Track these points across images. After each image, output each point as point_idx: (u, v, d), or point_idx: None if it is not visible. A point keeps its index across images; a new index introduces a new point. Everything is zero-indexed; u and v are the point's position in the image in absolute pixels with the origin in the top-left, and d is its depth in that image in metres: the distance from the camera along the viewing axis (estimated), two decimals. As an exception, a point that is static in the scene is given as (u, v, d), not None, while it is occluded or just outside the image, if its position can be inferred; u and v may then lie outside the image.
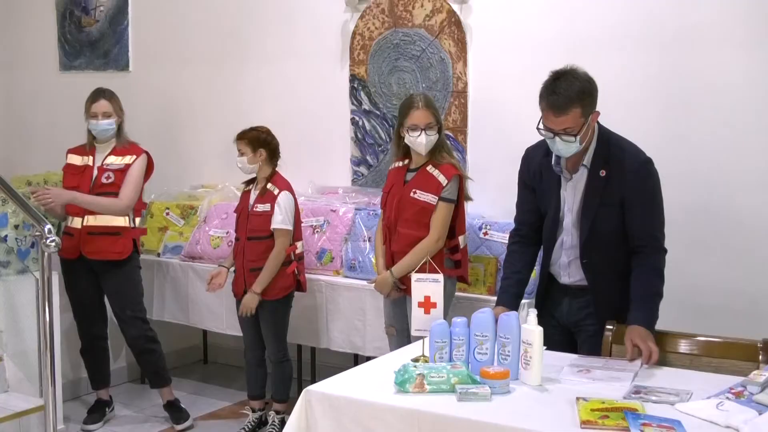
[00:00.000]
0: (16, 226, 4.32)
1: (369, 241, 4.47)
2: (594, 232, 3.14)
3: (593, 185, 3.11)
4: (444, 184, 3.86)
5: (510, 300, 3.29)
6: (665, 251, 3.16)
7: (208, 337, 5.78)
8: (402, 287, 3.94)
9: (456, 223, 3.94)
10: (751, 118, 3.87)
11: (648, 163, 3.13)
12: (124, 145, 4.56)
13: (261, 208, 4.32)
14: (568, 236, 3.21)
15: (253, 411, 4.57)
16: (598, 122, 3.14)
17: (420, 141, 3.87)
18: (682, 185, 4.01)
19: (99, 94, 4.53)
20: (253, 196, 4.37)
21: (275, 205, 4.29)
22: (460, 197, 3.94)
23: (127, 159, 4.53)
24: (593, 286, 3.20)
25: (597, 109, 3.08)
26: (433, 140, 3.90)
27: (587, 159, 3.12)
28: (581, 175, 3.14)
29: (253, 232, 4.33)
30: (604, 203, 3.10)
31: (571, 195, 3.18)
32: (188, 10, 5.63)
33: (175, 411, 4.73)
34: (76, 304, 4.64)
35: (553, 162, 3.17)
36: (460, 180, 3.92)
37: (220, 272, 4.48)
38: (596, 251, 3.16)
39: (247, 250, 4.35)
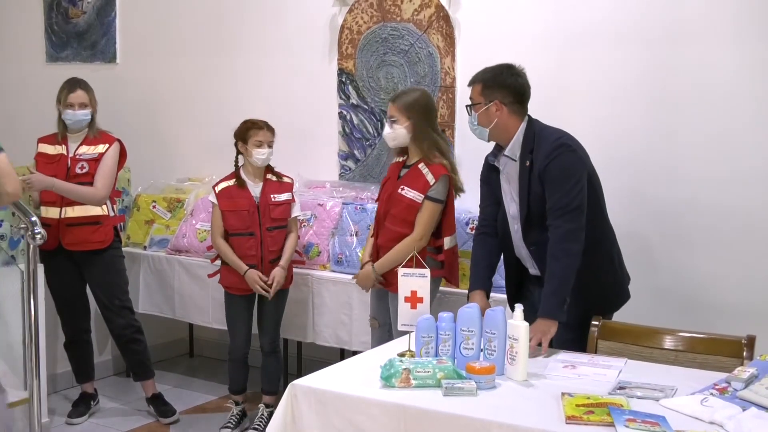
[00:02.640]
0: (13, 213, 4.27)
1: (356, 235, 4.47)
2: (531, 220, 3.27)
3: (522, 176, 3.27)
4: (431, 183, 3.83)
5: (482, 282, 3.43)
6: (573, 222, 3.13)
7: (194, 330, 5.77)
8: (381, 281, 3.95)
9: (443, 224, 3.92)
10: (738, 114, 3.88)
11: (559, 147, 3.22)
12: (95, 135, 4.53)
13: (280, 197, 4.33)
14: (516, 225, 3.35)
15: (236, 404, 4.56)
16: (531, 119, 3.31)
17: (385, 132, 3.96)
18: (668, 181, 4.03)
19: (76, 84, 4.50)
20: (255, 188, 4.32)
21: (294, 194, 4.38)
22: (450, 198, 3.92)
23: (100, 148, 4.49)
24: (543, 272, 3.26)
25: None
26: (399, 134, 3.87)
27: (508, 150, 3.30)
28: (511, 167, 3.31)
29: (274, 222, 4.32)
30: (532, 192, 3.23)
31: (507, 186, 3.36)
32: (176, 2, 5.60)
33: (160, 405, 4.71)
34: (58, 297, 4.61)
35: (490, 154, 3.40)
36: (450, 181, 3.89)
37: (253, 276, 4.29)
38: (538, 238, 3.26)
39: (268, 242, 4.31)
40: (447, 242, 3.93)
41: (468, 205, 4.36)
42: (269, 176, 4.37)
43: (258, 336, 4.50)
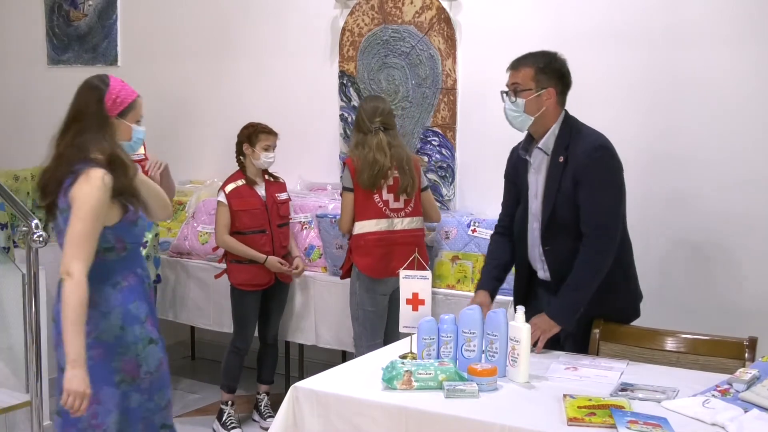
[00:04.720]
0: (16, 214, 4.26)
1: (357, 237, 4.47)
2: (554, 220, 3.13)
3: (552, 172, 3.12)
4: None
5: (489, 283, 3.30)
6: (611, 239, 3.07)
7: (195, 333, 5.77)
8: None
9: (355, 211, 4.14)
10: (738, 115, 3.89)
11: (601, 148, 3.09)
12: None
13: (282, 196, 4.50)
14: (536, 223, 3.22)
15: (230, 405, 4.55)
16: (567, 113, 3.16)
17: None
18: (668, 181, 4.03)
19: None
20: (260, 188, 4.42)
21: (288, 193, 4.56)
22: (363, 188, 4.09)
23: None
24: (554, 276, 3.16)
25: (567, 101, 3.14)
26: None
27: (543, 143, 3.14)
28: (541, 161, 3.16)
29: (282, 219, 4.48)
30: (562, 190, 3.09)
31: (534, 181, 3.20)
32: (177, 4, 5.61)
33: None
34: None
35: (520, 147, 3.24)
36: (351, 170, 4.09)
37: (275, 261, 4.39)
38: (557, 239, 3.13)
39: (280, 237, 4.46)
40: (355, 228, 4.13)
41: (469, 206, 4.36)
42: (266, 177, 4.48)
43: (260, 329, 4.57)
